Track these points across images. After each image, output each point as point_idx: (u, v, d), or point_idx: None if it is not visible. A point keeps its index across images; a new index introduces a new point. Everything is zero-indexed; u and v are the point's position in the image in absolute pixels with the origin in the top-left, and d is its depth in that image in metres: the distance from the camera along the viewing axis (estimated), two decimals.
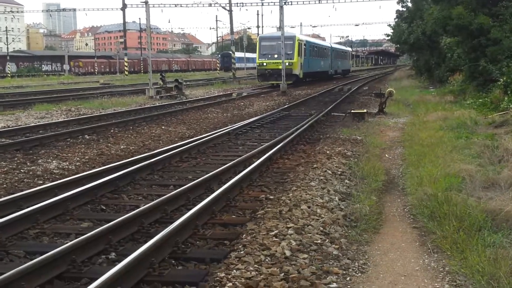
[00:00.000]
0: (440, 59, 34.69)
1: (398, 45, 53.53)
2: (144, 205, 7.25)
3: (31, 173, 9.78)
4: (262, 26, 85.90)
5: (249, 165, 9.68)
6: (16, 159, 10.98)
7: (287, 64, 37.24)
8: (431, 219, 6.62)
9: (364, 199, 7.65)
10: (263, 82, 41.98)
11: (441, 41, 30.35)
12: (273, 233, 6.14)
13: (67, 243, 5.87)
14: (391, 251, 5.93)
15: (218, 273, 5.07)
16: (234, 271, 5.09)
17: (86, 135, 14.23)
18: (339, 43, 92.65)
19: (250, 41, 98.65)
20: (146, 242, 5.65)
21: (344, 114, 19.20)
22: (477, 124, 14.49)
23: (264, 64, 40.86)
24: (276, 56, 39.68)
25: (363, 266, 5.45)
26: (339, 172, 9.59)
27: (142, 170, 9.68)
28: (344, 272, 5.23)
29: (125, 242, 6.20)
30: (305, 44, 44.17)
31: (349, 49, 78.85)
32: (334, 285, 4.88)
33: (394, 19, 48.59)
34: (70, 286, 5.02)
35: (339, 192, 8.18)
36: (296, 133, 13.80)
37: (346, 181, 8.99)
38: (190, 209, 6.88)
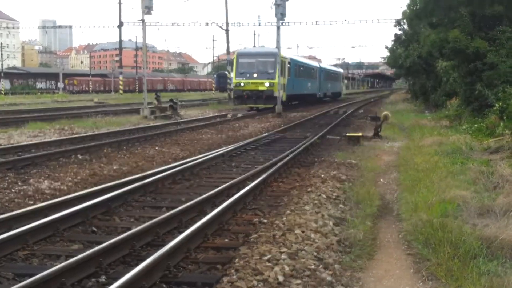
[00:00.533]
0: (436, 83, 34.88)
1: (394, 69, 53.94)
2: (135, 227, 7.16)
3: (22, 193, 9.67)
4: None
5: (243, 188, 9.61)
6: (7, 178, 10.87)
7: (267, 85, 34.63)
8: (425, 246, 6.55)
9: (359, 224, 7.59)
10: (240, 105, 37.30)
11: (437, 64, 30.53)
12: (266, 257, 6.06)
13: (56, 265, 5.78)
14: (385, 278, 5.86)
15: None
16: None
17: (79, 155, 14.13)
18: (335, 65, 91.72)
19: None
20: (137, 265, 5.56)
21: (339, 137, 19.19)
22: (472, 149, 14.49)
23: (242, 84, 35.95)
24: (255, 75, 35.66)
25: None
26: (334, 196, 9.53)
27: (134, 191, 9.59)
28: None
29: (116, 265, 6.10)
30: (289, 63, 39.53)
31: (341, 70, 73.58)
32: None
33: (392, 40, 48.94)
34: None
35: (333, 216, 8.12)
36: (290, 156, 13.75)
37: (341, 205, 8.93)
38: (183, 232, 6.80)
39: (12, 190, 9.87)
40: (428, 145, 15.88)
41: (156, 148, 16.49)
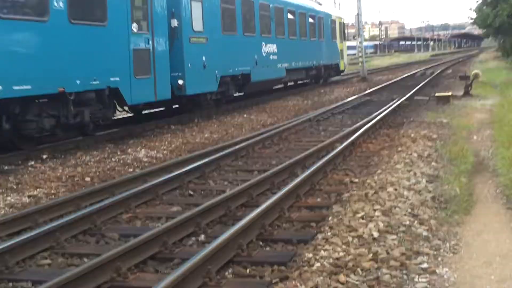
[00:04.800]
0: None
1: (482, 29, 51.11)
2: (230, 190, 7.39)
3: (121, 161, 10.17)
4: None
5: (332, 150, 9.64)
6: (107, 149, 11.44)
7: None
8: None
9: (453, 181, 7.44)
10: None
11: None
12: (359, 215, 6.09)
13: (158, 226, 6.09)
14: (484, 232, 5.74)
15: (306, 254, 5.09)
16: (322, 251, 5.10)
17: (172, 125, 14.60)
18: (420, 29, 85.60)
19: None
20: (233, 225, 5.76)
21: (427, 98, 18.69)
22: None
23: None
24: None
25: (455, 247, 5.30)
26: (425, 155, 9.35)
27: (226, 156, 9.84)
28: (435, 252, 5.11)
29: (213, 225, 6.34)
30: None
31: (331, 12, 31.92)
32: (425, 265, 4.78)
33: (476, 1, 46.31)
34: (163, 266, 5.18)
35: (426, 174, 7.99)
36: (378, 118, 13.58)
37: (433, 163, 8.76)
38: (275, 193, 6.94)
39: (112, 159, 10.39)
40: None
41: (245, 116, 16.76)
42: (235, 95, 19.35)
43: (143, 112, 15.82)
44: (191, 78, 15.11)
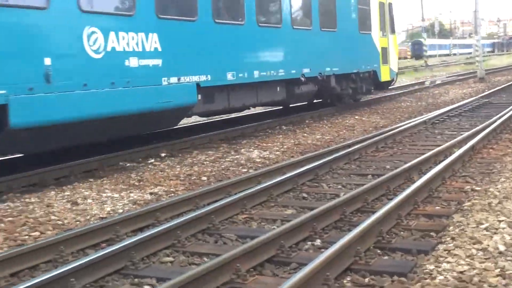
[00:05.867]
0: None
1: None
2: (344, 194, 7.32)
3: (235, 161, 10.37)
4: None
5: (450, 155, 9.29)
6: (221, 148, 11.72)
7: None
8: None
9: None
10: None
11: None
12: (483, 226, 5.81)
13: (274, 228, 6.15)
14: None
15: (427, 265, 4.93)
16: (444, 264, 4.91)
17: (283, 126, 14.71)
18: None
19: (441, 27, 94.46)
20: (349, 230, 5.69)
21: None
22: None
23: None
24: None
25: None
26: None
27: (339, 159, 9.77)
28: None
29: (328, 229, 6.30)
30: None
31: None
32: None
33: None
34: (280, 270, 5.21)
35: None
36: (499, 122, 12.91)
37: None
38: (391, 199, 6.79)
39: (227, 159, 10.63)
40: None
41: (356, 117, 16.55)
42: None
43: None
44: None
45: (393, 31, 21.63)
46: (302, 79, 14.90)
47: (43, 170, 9.19)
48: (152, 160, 10.50)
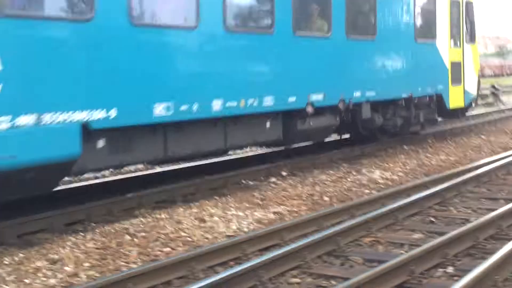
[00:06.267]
0: None
1: None
2: (475, 219, 7.00)
3: (357, 182, 10.24)
4: None
5: None
6: (342, 168, 11.62)
7: None
8: None
9: None
10: None
11: None
12: None
13: (402, 253, 5.99)
14: None
15: None
16: None
17: (404, 145, 14.35)
18: None
19: None
20: (483, 258, 5.42)
21: None
22: None
23: None
24: None
25: None
26: None
27: (468, 182, 9.36)
28: None
29: (461, 256, 6.03)
30: None
31: None
32: None
33: None
34: None
35: None
36: None
37: None
38: None
39: (348, 179, 10.52)
40: None
41: (482, 137, 15.82)
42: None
43: None
44: None
45: (472, 40, 16.27)
46: (309, 109, 10.70)
47: (172, 187, 9.56)
48: (274, 179, 10.60)
